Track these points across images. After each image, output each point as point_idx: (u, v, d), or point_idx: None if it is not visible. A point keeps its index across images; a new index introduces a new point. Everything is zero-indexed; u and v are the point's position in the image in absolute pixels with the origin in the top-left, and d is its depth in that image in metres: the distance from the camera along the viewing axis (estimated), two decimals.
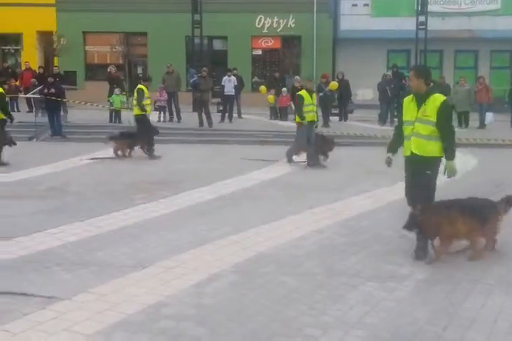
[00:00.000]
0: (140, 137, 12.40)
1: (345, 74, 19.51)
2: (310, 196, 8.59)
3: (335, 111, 19.32)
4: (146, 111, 12.55)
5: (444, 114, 5.54)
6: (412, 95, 5.73)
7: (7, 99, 12.84)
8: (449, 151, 5.57)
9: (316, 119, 11.89)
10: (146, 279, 5.04)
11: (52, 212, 7.51)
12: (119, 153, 12.31)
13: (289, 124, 18.28)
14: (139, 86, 12.73)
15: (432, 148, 5.56)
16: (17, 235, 6.31)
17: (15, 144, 11.61)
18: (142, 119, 12.58)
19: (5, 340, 3.83)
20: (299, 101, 11.44)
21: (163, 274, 5.17)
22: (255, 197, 8.66)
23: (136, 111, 12.61)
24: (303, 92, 11.50)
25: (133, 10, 23.68)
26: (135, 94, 12.76)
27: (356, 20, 23.86)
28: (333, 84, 17.92)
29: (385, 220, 7.12)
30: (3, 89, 11.99)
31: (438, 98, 5.57)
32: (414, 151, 5.60)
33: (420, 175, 5.57)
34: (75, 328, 4.05)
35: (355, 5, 24.43)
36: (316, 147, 11.43)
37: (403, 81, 17.84)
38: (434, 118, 5.48)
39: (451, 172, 5.65)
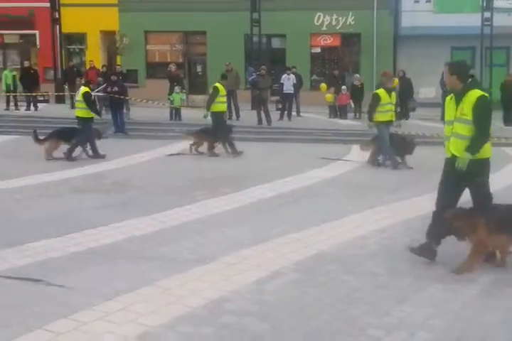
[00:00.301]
0: (218, 134, 12.48)
1: (406, 72, 19.14)
2: (371, 195, 8.49)
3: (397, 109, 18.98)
4: (219, 109, 12.67)
5: (480, 110, 5.09)
6: (452, 94, 5.40)
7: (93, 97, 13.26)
8: (471, 145, 5.12)
9: (393, 119, 11.44)
10: (208, 274, 5.11)
11: (117, 206, 7.72)
12: (196, 149, 12.41)
13: (348, 123, 18.18)
14: (216, 84, 12.85)
15: None
16: (85, 228, 6.51)
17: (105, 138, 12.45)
18: (218, 116, 12.68)
19: (73, 329, 3.97)
20: (373, 101, 11.05)
21: (225, 270, 5.23)
22: (316, 195, 8.64)
23: (214, 108, 12.66)
24: (380, 91, 11.08)
25: (192, 9, 23.98)
26: (210, 92, 12.90)
27: (418, 17, 23.36)
28: (394, 82, 17.60)
29: None
30: (90, 89, 12.63)
31: (474, 94, 5.14)
32: (454, 153, 5.25)
33: (467, 180, 5.25)
34: (140, 320, 4.14)
35: (417, 1, 23.96)
36: (394, 148, 10.97)
37: None
38: (470, 117, 5.11)
39: (460, 164, 5.17)
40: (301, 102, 19.43)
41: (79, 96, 12.15)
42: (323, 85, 19.75)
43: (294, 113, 18.88)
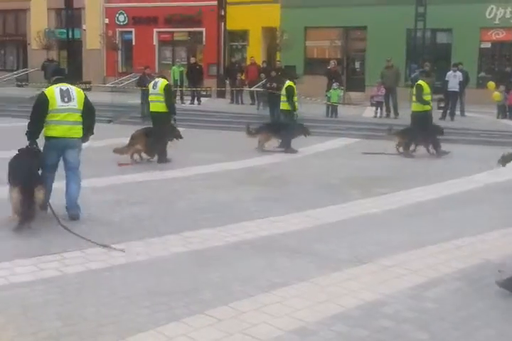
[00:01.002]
0: (419, 134, 12.02)
1: None
2: None
3: None
4: (426, 107, 12.22)
5: None
6: None
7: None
8: None
9: None
10: (364, 275, 5.00)
11: (274, 200, 7.84)
12: (400, 149, 12.12)
13: None
14: (419, 81, 12.38)
15: None
16: (243, 219, 6.71)
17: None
18: (422, 116, 12.21)
19: (233, 317, 4.08)
20: None
21: (382, 272, 5.08)
22: (479, 200, 8.11)
23: (415, 107, 12.29)
24: None
25: (354, 4, 23.65)
26: (414, 90, 12.45)
27: None
28: None
29: None
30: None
31: None
32: None
33: None
34: (296, 315, 4.16)
35: None
36: None
37: None
38: None
39: None
40: (466, 101, 18.36)
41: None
42: (491, 83, 18.44)
43: (457, 112, 17.90)
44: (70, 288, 4.55)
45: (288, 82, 12.65)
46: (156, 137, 10.68)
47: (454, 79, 17.49)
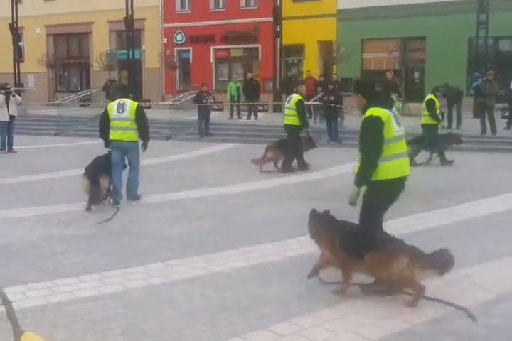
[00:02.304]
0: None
1: None
2: None
3: None
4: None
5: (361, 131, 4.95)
6: None
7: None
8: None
9: None
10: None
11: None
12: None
13: None
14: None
15: None
16: (298, 235, 6.64)
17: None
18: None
19: (294, 333, 4.03)
20: None
21: (445, 287, 4.91)
22: None
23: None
24: None
25: (412, 14, 23.35)
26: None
27: None
28: None
29: None
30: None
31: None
32: None
33: None
34: (359, 330, 4.07)
35: None
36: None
37: None
38: None
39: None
40: None
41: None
42: None
43: None
44: (132, 303, 4.62)
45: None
46: (290, 148, 11.51)
47: None
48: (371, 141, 4.78)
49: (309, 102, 20.52)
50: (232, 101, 21.41)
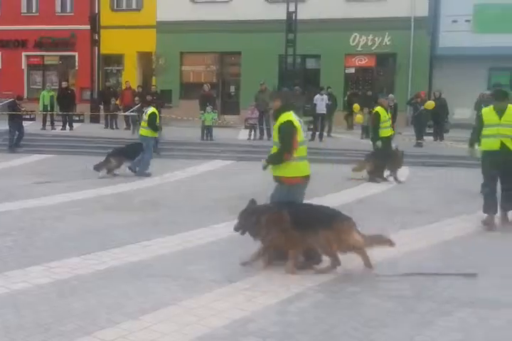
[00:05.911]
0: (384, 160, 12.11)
1: (442, 93, 18.93)
2: None
3: (429, 130, 18.76)
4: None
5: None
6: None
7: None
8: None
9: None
10: (232, 294, 5.06)
11: (145, 224, 7.75)
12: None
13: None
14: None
15: None
16: (111, 246, 6.54)
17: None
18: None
19: None
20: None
21: (248, 290, 5.16)
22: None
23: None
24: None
25: (229, 30, 24.26)
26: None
27: (456, 37, 22.98)
28: (430, 104, 17.35)
29: None
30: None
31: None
32: None
33: None
34: (163, 339, 4.11)
35: (455, 21, 23.52)
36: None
37: None
38: None
39: None
40: (336, 123, 19.34)
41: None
42: (356, 106, 19.63)
43: (324, 133, 18.84)
44: None
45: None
46: (384, 160, 12.00)
47: (321, 102, 18.43)
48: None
49: (127, 113, 20.32)
50: (45, 110, 20.36)
